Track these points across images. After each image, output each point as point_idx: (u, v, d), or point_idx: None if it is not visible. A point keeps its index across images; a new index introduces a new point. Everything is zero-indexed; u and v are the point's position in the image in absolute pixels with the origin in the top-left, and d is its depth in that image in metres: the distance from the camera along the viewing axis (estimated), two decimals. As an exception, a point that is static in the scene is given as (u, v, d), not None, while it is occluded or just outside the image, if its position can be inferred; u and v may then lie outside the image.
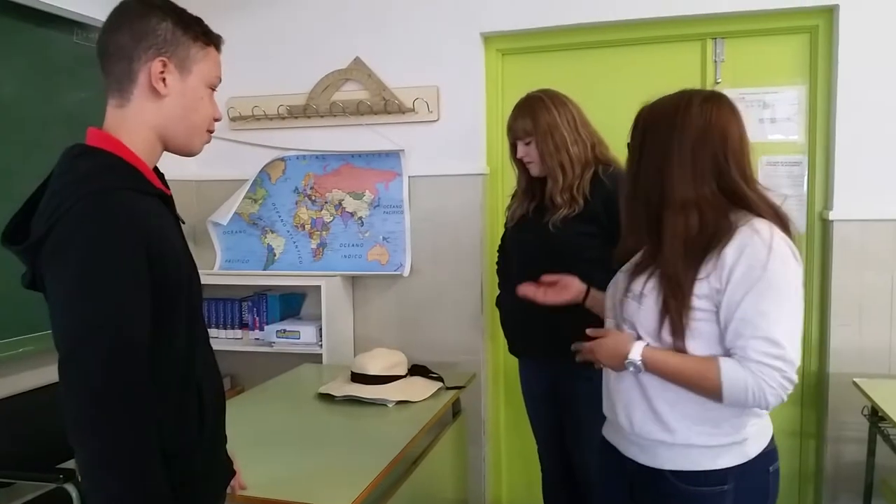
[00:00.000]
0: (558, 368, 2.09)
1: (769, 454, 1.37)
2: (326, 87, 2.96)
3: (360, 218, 3.00)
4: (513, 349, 2.30)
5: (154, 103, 1.09)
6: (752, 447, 1.34)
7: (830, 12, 2.54)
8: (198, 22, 1.13)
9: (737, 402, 1.27)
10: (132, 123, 1.09)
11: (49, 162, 1.07)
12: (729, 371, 1.25)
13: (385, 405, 2.19)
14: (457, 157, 2.85)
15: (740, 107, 1.39)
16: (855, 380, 2.35)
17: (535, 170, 2.08)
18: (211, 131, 1.19)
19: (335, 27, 2.94)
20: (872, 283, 2.53)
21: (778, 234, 1.28)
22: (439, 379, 2.41)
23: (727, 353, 1.29)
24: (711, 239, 1.29)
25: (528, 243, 2.13)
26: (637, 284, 1.38)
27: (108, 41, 1.08)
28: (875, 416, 2.27)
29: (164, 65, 1.08)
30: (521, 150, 2.08)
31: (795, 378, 1.25)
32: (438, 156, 2.87)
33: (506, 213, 2.27)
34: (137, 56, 1.07)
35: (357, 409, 2.18)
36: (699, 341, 1.30)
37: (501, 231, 2.33)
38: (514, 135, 2.10)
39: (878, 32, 2.47)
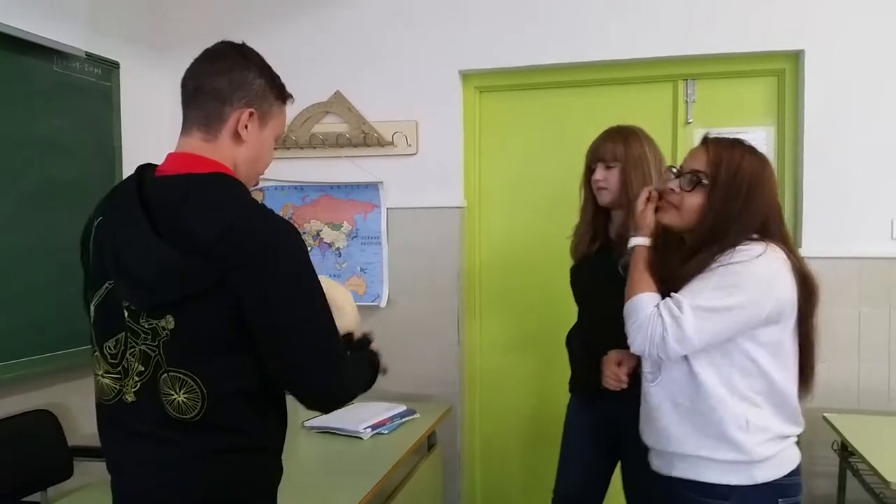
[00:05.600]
0: (625, 409, 1.79)
1: (782, 487, 1.41)
2: (307, 120, 2.98)
3: (338, 249, 3.01)
4: (580, 386, 2.10)
5: (234, 145, 1.20)
6: (761, 473, 1.39)
7: (796, 57, 2.64)
8: (280, 81, 1.27)
9: (629, 322, 1.44)
10: (219, 156, 1.19)
11: (26, 188, 1.06)
12: (642, 298, 1.44)
13: (360, 438, 2.18)
14: (434, 190, 2.88)
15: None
16: (825, 415, 2.38)
17: (606, 197, 1.96)
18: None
19: (316, 61, 2.98)
20: (840, 319, 2.58)
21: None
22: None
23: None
24: None
25: (592, 286, 2.03)
26: None
27: (205, 81, 1.19)
28: (845, 450, 2.30)
29: (251, 115, 1.20)
30: (601, 173, 1.95)
31: (677, 347, 1.37)
32: (416, 188, 2.90)
33: (571, 249, 2.13)
34: (230, 102, 1.18)
35: (331, 440, 2.16)
36: None
37: (478, 263, 2.35)
38: (600, 156, 1.97)
39: (841, 77, 2.56)
